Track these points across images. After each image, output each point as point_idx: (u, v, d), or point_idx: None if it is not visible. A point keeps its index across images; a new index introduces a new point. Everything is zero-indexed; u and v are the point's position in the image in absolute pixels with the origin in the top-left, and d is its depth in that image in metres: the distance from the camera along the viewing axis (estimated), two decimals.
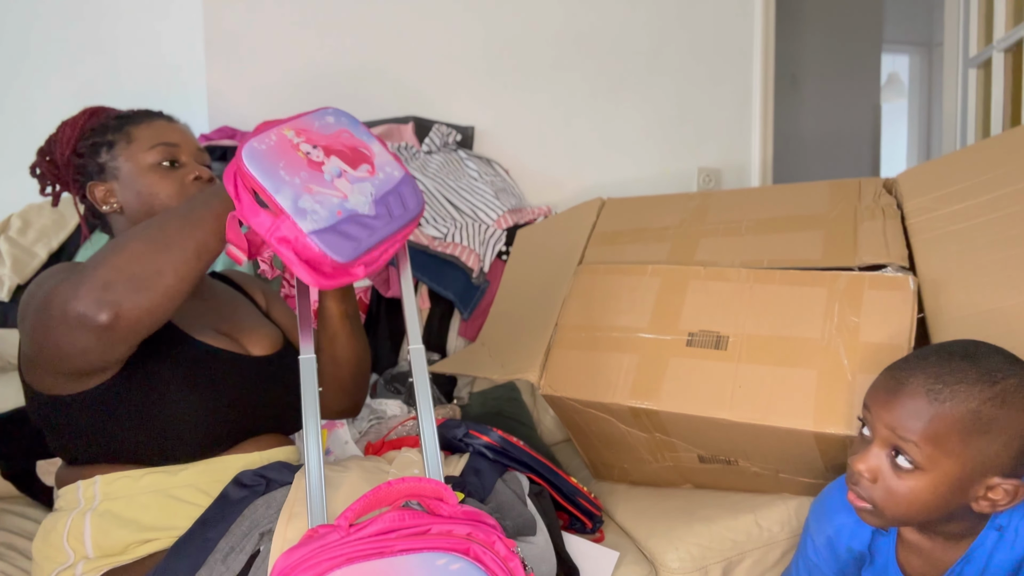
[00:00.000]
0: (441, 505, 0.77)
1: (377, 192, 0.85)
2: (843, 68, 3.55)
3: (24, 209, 1.57)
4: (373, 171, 0.86)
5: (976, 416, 0.79)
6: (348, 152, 0.86)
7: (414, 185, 0.89)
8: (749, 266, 1.25)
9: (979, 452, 0.79)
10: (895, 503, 0.83)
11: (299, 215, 0.78)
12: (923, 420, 0.80)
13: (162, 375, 0.93)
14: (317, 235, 0.78)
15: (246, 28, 1.84)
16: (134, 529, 0.92)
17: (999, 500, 0.81)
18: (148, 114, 1.08)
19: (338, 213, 0.81)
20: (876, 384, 0.88)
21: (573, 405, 1.27)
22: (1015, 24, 2.18)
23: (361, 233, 0.82)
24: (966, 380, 0.80)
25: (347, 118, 0.90)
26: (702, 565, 1.20)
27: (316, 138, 0.85)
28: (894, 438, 0.82)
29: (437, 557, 0.69)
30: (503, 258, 1.79)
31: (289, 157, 0.82)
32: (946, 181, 1.23)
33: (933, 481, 0.81)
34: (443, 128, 1.98)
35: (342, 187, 0.83)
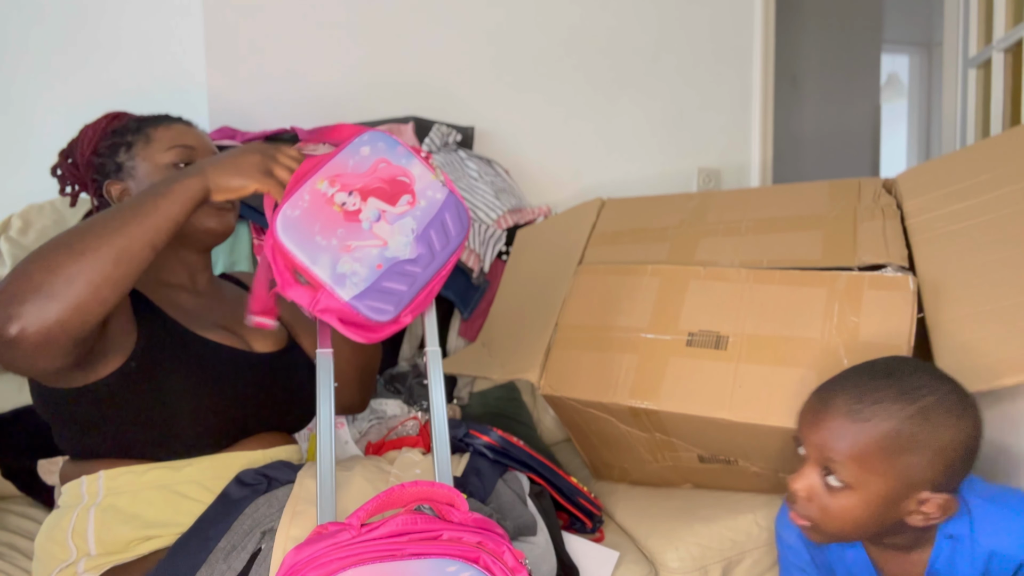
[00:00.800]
0: (452, 511, 0.77)
1: (419, 226, 0.84)
2: (843, 68, 3.55)
3: (24, 209, 1.57)
4: (414, 201, 0.85)
5: (897, 434, 0.81)
6: (386, 187, 0.85)
7: (457, 203, 0.88)
8: (749, 266, 1.25)
9: (904, 469, 0.81)
10: (830, 520, 0.85)
11: (338, 283, 0.79)
12: (847, 440, 0.82)
13: (165, 370, 0.93)
14: (358, 300, 0.79)
15: (246, 28, 1.84)
16: (137, 525, 0.92)
17: (932, 513, 0.83)
18: (168, 118, 1.10)
19: (378, 267, 0.81)
20: (804, 405, 0.90)
21: (573, 405, 1.27)
22: (1015, 24, 2.18)
23: (402, 285, 0.81)
24: (886, 399, 0.82)
25: (384, 142, 0.88)
26: (702, 565, 1.21)
27: (351, 181, 0.84)
28: (823, 458, 0.85)
29: (448, 564, 0.69)
30: (503, 258, 1.79)
31: (324, 217, 0.81)
32: (946, 181, 1.23)
33: (863, 498, 0.83)
34: (443, 128, 1.98)
35: (382, 232, 0.82)
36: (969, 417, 0.82)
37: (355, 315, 0.80)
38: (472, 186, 1.89)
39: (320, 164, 0.84)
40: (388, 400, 1.54)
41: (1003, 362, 0.98)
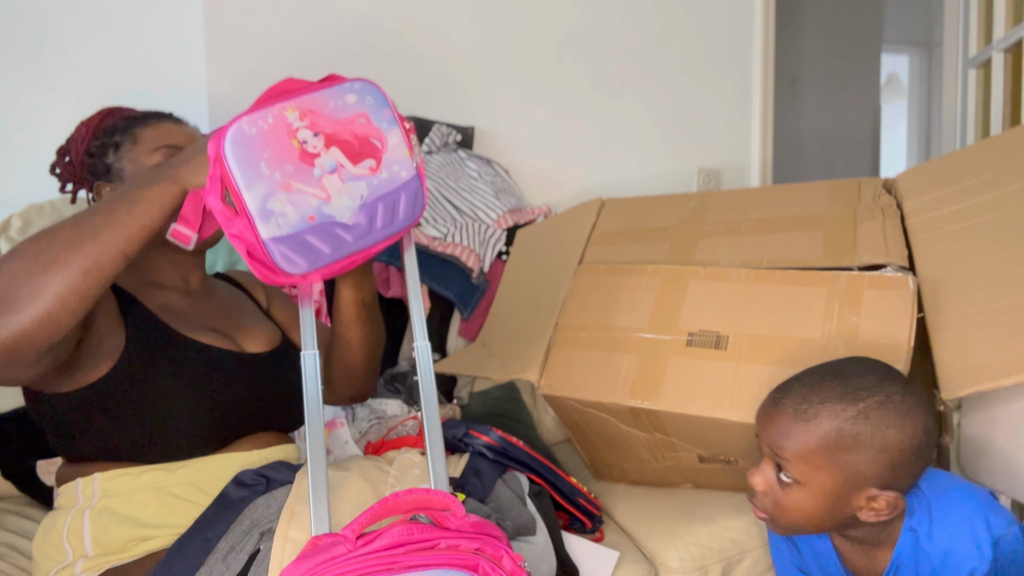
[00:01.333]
0: (449, 518, 0.76)
1: (369, 195, 0.80)
2: (843, 68, 3.55)
3: (24, 209, 1.57)
4: (377, 168, 0.81)
5: (839, 433, 0.84)
6: (354, 143, 0.80)
7: (418, 190, 0.83)
8: (749, 266, 1.25)
9: (847, 466, 0.85)
10: (783, 514, 0.90)
11: (262, 217, 0.74)
12: (792, 439, 0.87)
13: (154, 373, 0.93)
14: (274, 242, 0.75)
15: (246, 28, 1.84)
16: (133, 526, 0.92)
17: (881, 510, 0.86)
18: (156, 116, 1.07)
19: (310, 218, 0.76)
20: (761, 406, 0.94)
21: (573, 405, 1.27)
22: (1015, 24, 2.18)
23: (325, 246, 0.77)
24: (830, 399, 0.85)
25: (373, 98, 0.83)
26: (702, 565, 1.21)
27: (323, 123, 0.78)
28: (773, 455, 0.90)
29: (445, 574, 0.69)
30: (503, 258, 1.79)
31: (278, 147, 0.76)
32: (946, 181, 1.23)
33: (811, 494, 0.87)
34: (443, 128, 1.98)
35: (330, 186, 0.77)
36: (916, 418, 0.84)
37: (264, 255, 0.75)
38: (472, 186, 1.89)
39: (298, 91, 0.79)
40: (388, 400, 1.54)
41: (1003, 362, 0.98)
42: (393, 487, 0.91)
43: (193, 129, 1.09)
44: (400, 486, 0.92)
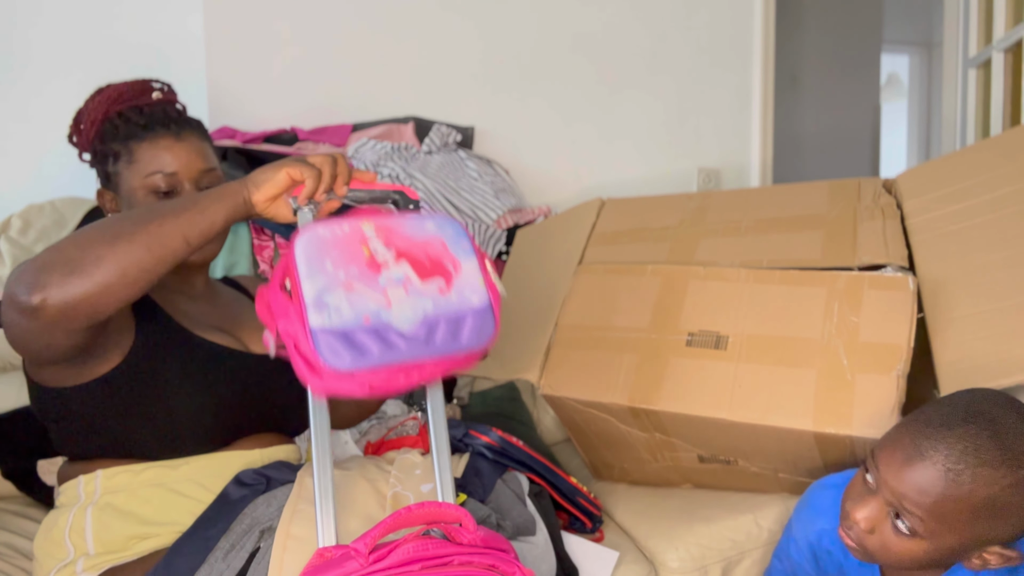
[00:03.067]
0: (461, 532, 0.75)
1: (433, 312, 0.76)
2: (843, 68, 3.55)
3: (24, 209, 1.57)
4: (446, 289, 0.77)
5: (991, 501, 0.77)
6: (426, 262, 0.78)
7: (487, 319, 0.78)
8: (749, 266, 1.25)
9: (985, 531, 0.79)
10: (887, 556, 0.83)
11: (317, 307, 0.71)
12: (933, 497, 0.78)
13: (161, 368, 0.93)
14: (322, 332, 0.71)
15: (247, 28, 1.84)
16: (134, 523, 0.92)
17: (992, 562, 0.81)
18: (156, 126, 1.03)
19: (365, 319, 0.72)
20: (893, 443, 0.83)
21: (573, 405, 1.27)
22: (1015, 24, 2.18)
23: (376, 347, 0.72)
24: (990, 463, 0.77)
25: (453, 229, 0.81)
26: (702, 565, 1.21)
27: (397, 239, 0.78)
28: (899, 502, 0.80)
29: None
30: (503, 258, 1.79)
31: (348, 250, 0.75)
32: (946, 181, 1.23)
33: (929, 548, 0.80)
34: (443, 128, 1.98)
35: (393, 295, 0.75)
36: None
37: (309, 345, 0.71)
38: (472, 186, 1.89)
39: (381, 214, 0.80)
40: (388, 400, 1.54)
41: (1003, 362, 0.98)
42: (395, 487, 0.91)
43: (194, 141, 1.04)
44: (401, 487, 0.92)
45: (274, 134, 1.85)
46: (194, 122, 1.08)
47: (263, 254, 1.63)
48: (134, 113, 1.04)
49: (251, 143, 1.79)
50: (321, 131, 1.90)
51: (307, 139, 1.88)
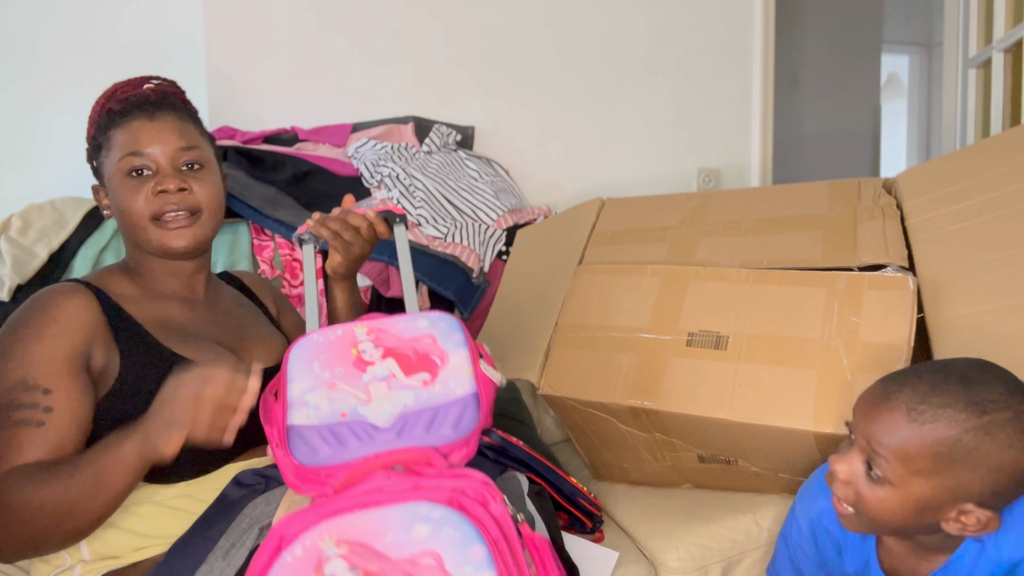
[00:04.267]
0: (428, 468, 0.75)
1: (415, 406, 0.77)
2: (843, 68, 3.55)
3: (24, 209, 1.57)
4: (430, 382, 0.79)
5: (955, 443, 0.77)
6: (412, 357, 0.81)
7: (469, 407, 0.78)
8: (749, 266, 1.25)
9: (952, 479, 0.78)
10: (864, 509, 0.84)
11: (296, 406, 0.76)
12: (898, 438, 0.79)
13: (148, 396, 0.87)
14: (297, 430, 0.75)
15: (247, 28, 1.84)
16: (130, 536, 0.91)
17: (969, 525, 0.80)
18: (130, 112, 1.01)
19: (341, 415, 0.76)
20: (865, 392, 0.86)
21: (573, 405, 1.27)
22: (1015, 24, 2.18)
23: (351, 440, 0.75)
24: (953, 405, 0.78)
25: (446, 324, 0.84)
26: (702, 565, 1.20)
27: (387, 339, 0.82)
28: (870, 449, 0.82)
29: (419, 506, 0.67)
30: (503, 258, 1.79)
31: (336, 353, 0.80)
32: (946, 181, 1.23)
33: (900, 497, 0.81)
34: (443, 128, 1.98)
35: (375, 391, 0.78)
36: None
37: (284, 441, 0.75)
38: (472, 186, 1.89)
39: (376, 317, 0.84)
40: None
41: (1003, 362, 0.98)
42: None
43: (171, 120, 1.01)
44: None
45: (274, 134, 1.85)
46: (177, 104, 1.05)
47: (263, 254, 1.63)
48: (117, 104, 1.03)
49: (251, 143, 1.79)
50: (321, 131, 1.90)
51: (307, 139, 1.88)
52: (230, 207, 1.55)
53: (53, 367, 0.88)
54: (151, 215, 0.98)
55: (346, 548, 0.64)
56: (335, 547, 0.64)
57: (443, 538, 0.64)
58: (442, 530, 0.65)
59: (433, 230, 1.78)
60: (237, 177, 1.65)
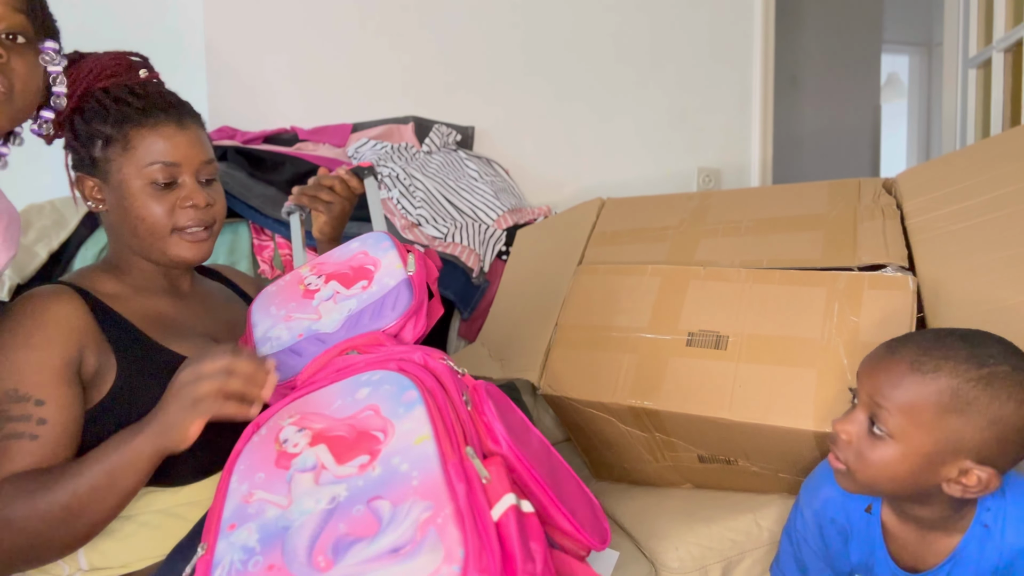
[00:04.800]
0: (379, 348, 0.83)
1: (357, 307, 0.88)
2: (843, 68, 3.55)
3: (24, 209, 1.57)
4: (368, 286, 0.90)
5: (955, 394, 0.79)
6: (350, 273, 0.93)
7: (406, 287, 0.88)
8: (749, 266, 1.25)
9: (953, 431, 0.80)
10: (864, 467, 0.85)
11: (261, 343, 0.89)
12: (900, 389, 0.82)
13: (147, 401, 0.85)
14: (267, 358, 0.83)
15: (247, 29, 1.84)
16: (130, 547, 0.90)
17: (971, 486, 0.81)
18: (155, 111, 0.96)
19: (299, 336, 0.88)
20: (871, 352, 0.89)
21: (573, 405, 1.27)
22: (1015, 24, 2.18)
23: (310, 350, 0.86)
24: (954, 358, 0.80)
25: (374, 238, 0.97)
26: (702, 565, 1.20)
27: (327, 267, 0.95)
28: (873, 404, 0.84)
29: (363, 375, 0.75)
30: (503, 258, 1.79)
31: (288, 293, 0.94)
32: (946, 181, 1.23)
33: (903, 452, 0.82)
34: (443, 128, 1.99)
35: (324, 310, 0.90)
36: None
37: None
38: (472, 186, 1.89)
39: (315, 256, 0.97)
40: None
41: None
42: None
43: (196, 130, 0.99)
44: None
45: (274, 134, 1.85)
46: (192, 109, 1.02)
47: (263, 254, 1.63)
48: (126, 93, 0.97)
49: (251, 143, 1.79)
50: (321, 131, 1.90)
51: (307, 139, 1.88)
52: (230, 207, 1.55)
53: (44, 376, 0.86)
54: (174, 227, 0.96)
55: (298, 416, 0.74)
56: (290, 421, 0.75)
57: (381, 393, 0.73)
58: (381, 388, 0.73)
59: (433, 230, 1.78)
60: (237, 177, 1.65)
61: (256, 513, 0.68)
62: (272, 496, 0.69)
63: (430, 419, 0.68)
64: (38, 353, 0.86)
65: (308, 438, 0.72)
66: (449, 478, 0.63)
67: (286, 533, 0.65)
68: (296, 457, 0.71)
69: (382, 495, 0.64)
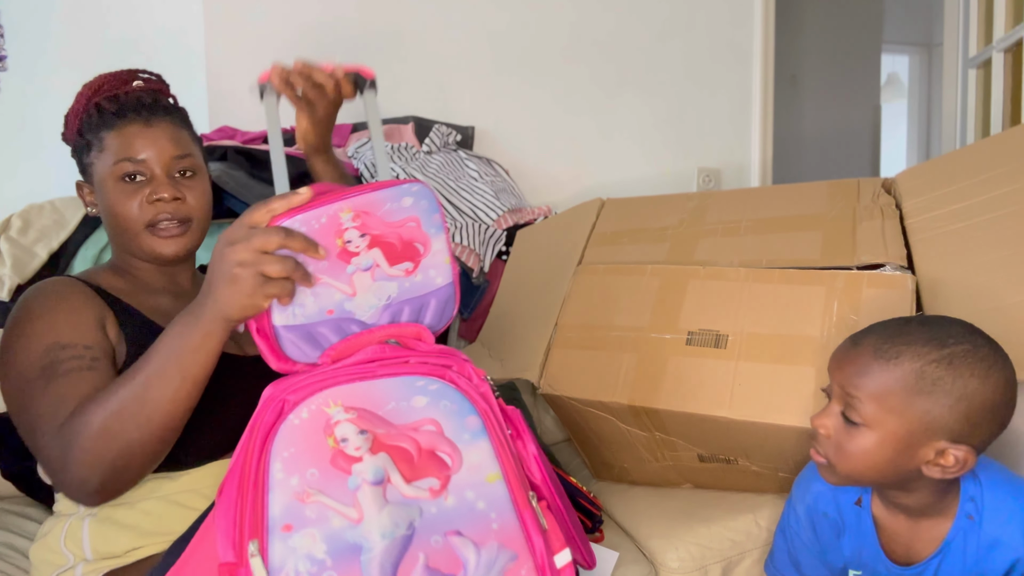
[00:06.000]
0: (419, 343, 0.79)
1: (398, 296, 0.79)
2: (843, 68, 3.55)
3: (24, 209, 1.57)
4: (412, 271, 0.80)
5: (919, 376, 0.82)
6: (397, 245, 0.80)
7: (450, 298, 0.83)
8: (748, 266, 1.25)
9: (923, 413, 0.82)
10: (844, 458, 0.87)
11: (280, 306, 0.74)
12: (868, 377, 0.84)
13: None
14: (285, 329, 0.75)
15: (247, 28, 1.85)
16: (134, 535, 0.91)
17: (949, 466, 0.83)
18: (127, 113, 0.99)
19: (328, 312, 0.76)
20: (837, 347, 0.92)
21: (573, 404, 1.27)
22: (1015, 24, 2.18)
23: (334, 337, 0.77)
24: (915, 342, 0.83)
25: (428, 202, 0.81)
26: (702, 565, 1.20)
27: (373, 224, 0.78)
28: (844, 396, 0.86)
29: (416, 380, 0.72)
30: (503, 258, 1.79)
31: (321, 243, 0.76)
32: (945, 181, 1.23)
33: (879, 439, 0.84)
34: (443, 128, 1.99)
35: (359, 282, 0.77)
36: (1000, 372, 0.82)
37: (271, 337, 0.76)
38: (472, 186, 1.89)
39: (362, 191, 0.78)
40: None
41: None
42: None
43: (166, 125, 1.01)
44: None
45: None
46: (170, 108, 1.04)
47: None
48: (109, 102, 1.01)
49: (251, 143, 1.79)
50: None
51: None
52: (230, 207, 1.55)
53: (83, 329, 0.89)
54: (145, 223, 0.98)
55: (354, 414, 0.69)
56: (343, 412, 0.69)
57: (441, 408, 0.70)
58: (440, 402, 0.71)
59: None
60: (237, 177, 1.65)
61: (317, 519, 0.65)
62: (336, 504, 0.66)
63: (497, 456, 0.69)
64: (71, 314, 0.91)
65: (369, 443, 0.68)
66: (527, 528, 0.64)
67: (361, 553, 0.63)
68: (357, 463, 0.67)
69: (461, 531, 0.64)
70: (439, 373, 0.73)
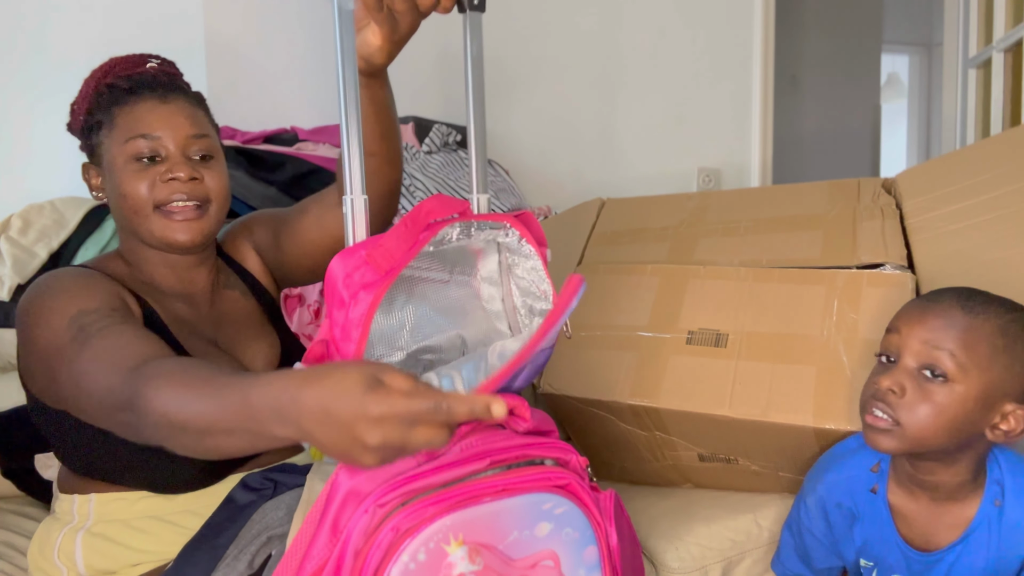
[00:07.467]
0: (517, 421, 0.69)
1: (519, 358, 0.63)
2: (843, 68, 3.55)
3: (24, 209, 1.57)
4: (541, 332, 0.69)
5: (1004, 332, 0.84)
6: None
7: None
8: (748, 265, 1.25)
9: (1003, 370, 0.83)
10: (917, 419, 0.84)
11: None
12: (958, 328, 0.84)
13: None
14: None
15: (246, 28, 1.85)
16: (127, 553, 0.90)
17: (1013, 429, 0.84)
18: (141, 90, 0.93)
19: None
20: (905, 308, 0.91)
21: (573, 404, 1.27)
22: (1015, 24, 2.19)
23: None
24: (994, 301, 0.86)
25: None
26: (702, 565, 1.20)
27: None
28: (927, 350, 0.85)
29: (544, 499, 0.64)
30: None
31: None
32: (945, 181, 1.24)
33: (961, 393, 0.83)
34: (443, 128, 1.98)
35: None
36: None
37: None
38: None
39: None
40: None
41: None
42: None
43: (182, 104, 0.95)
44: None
45: (274, 134, 1.85)
46: (186, 87, 0.99)
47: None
48: (122, 80, 0.95)
49: (251, 143, 1.79)
50: (321, 131, 1.90)
51: (307, 139, 1.88)
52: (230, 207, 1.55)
53: (105, 297, 0.84)
54: (156, 203, 0.91)
55: (480, 563, 0.60)
56: (466, 557, 0.60)
57: (562, 538, 0.65)
58: (563, 530, 0.66)
59: None
60: (237, 177, 1.65)
61: None
62: None
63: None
64: (92, 288, 0.86)
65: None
66: None
67: None
68: None
69: None
70: (565, 484, 0.66)
